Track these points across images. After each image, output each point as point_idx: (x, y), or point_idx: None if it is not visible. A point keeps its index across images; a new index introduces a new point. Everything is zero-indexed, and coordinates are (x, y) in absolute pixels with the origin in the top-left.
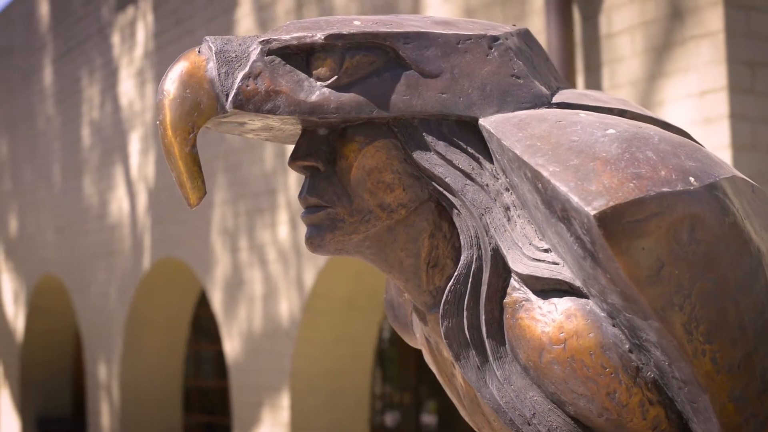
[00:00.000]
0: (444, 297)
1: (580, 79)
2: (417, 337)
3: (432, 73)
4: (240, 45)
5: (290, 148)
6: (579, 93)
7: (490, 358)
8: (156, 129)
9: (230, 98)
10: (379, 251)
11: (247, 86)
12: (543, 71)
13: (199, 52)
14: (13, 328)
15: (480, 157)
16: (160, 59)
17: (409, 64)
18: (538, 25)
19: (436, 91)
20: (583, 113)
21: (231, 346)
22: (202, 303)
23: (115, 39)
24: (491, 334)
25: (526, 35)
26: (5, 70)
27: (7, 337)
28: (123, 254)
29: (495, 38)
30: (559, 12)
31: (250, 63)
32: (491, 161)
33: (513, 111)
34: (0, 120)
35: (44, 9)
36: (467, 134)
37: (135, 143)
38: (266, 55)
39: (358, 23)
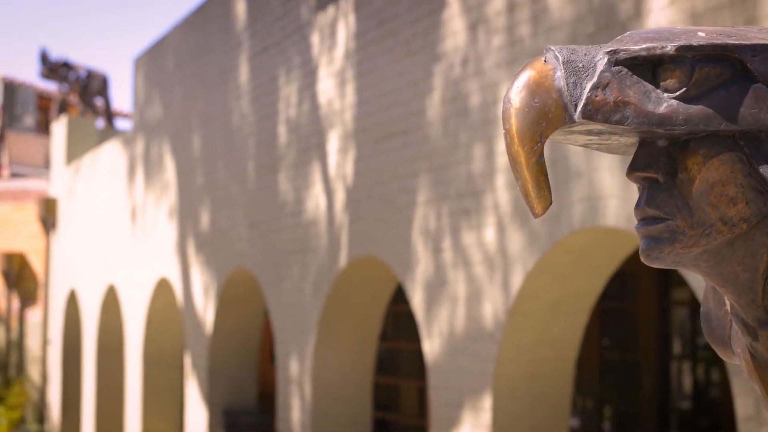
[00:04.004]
0: None
1: None
2: (737, 352)
3: None
4: (586, 55)
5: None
6: None
7: None
8: (356, 128)
9: (579, 108)
10: (716, 265)
11: (596, 96)
12: None
13: (545, 61)
14: (202, 320)
15: None
16: (362, 59)
17: (757, 77)
18: None
19: None
20: None
21: (431, 346)
22: None
23: (315, 38)
24: None
25: None
26: (202, 67)
27: (196, 329)
28: (319, 251)
29: None
30: None
31: (597, 73)
32: None
33: None
34: (195, 116)
35: (241, 8)
36: None
37: (333, 142)
38: (613, 66)
39: (703, 34)
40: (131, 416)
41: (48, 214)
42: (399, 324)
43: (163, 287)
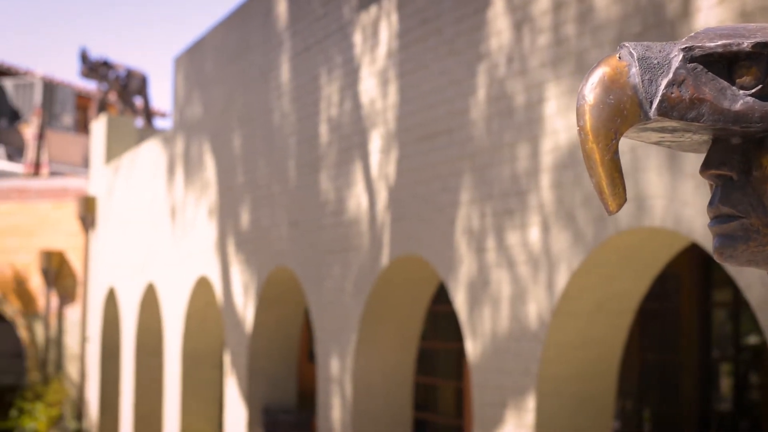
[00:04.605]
0: None
1: None
2: None
3: None
4: (660, 51)
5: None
6: None
7: None
8: (399, 127)
9: (654, 105)
10: None
11: (672, 93)
12: None
13: (619, 57)
14: (242, 319)
15: None
16: (404, 58)
17: None
18: None
19: None
20: None
21: (474, 345)
22: None
23: (357, 38)
24: None
25: None
26: (242, 67)
27: (235, 328)
28: (360, 250)
29: None
30: None
31: (673, 70)
32: None
33: None
34: (236, 115)
35: (282, 7)
36: None
37: (375, 141)
38: (688, 63)
39: None
40: (170, 414)
41: (87, 213)
42: (436, 324)
43: (202, 286)
